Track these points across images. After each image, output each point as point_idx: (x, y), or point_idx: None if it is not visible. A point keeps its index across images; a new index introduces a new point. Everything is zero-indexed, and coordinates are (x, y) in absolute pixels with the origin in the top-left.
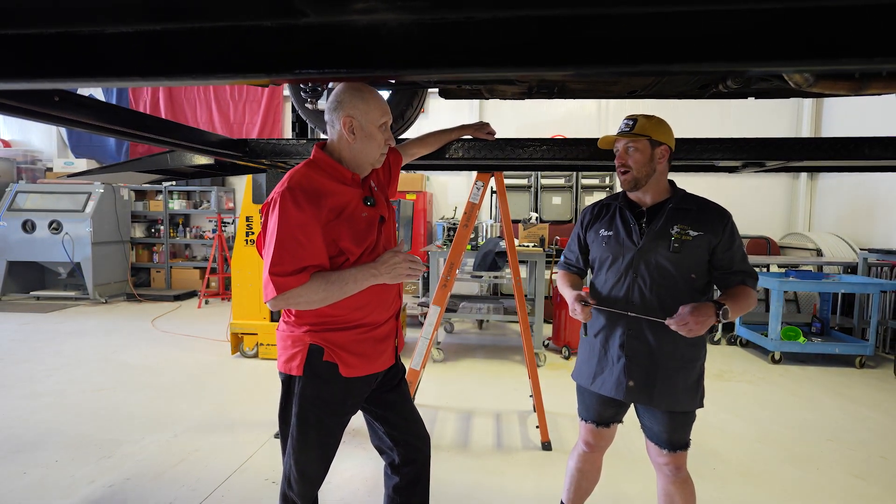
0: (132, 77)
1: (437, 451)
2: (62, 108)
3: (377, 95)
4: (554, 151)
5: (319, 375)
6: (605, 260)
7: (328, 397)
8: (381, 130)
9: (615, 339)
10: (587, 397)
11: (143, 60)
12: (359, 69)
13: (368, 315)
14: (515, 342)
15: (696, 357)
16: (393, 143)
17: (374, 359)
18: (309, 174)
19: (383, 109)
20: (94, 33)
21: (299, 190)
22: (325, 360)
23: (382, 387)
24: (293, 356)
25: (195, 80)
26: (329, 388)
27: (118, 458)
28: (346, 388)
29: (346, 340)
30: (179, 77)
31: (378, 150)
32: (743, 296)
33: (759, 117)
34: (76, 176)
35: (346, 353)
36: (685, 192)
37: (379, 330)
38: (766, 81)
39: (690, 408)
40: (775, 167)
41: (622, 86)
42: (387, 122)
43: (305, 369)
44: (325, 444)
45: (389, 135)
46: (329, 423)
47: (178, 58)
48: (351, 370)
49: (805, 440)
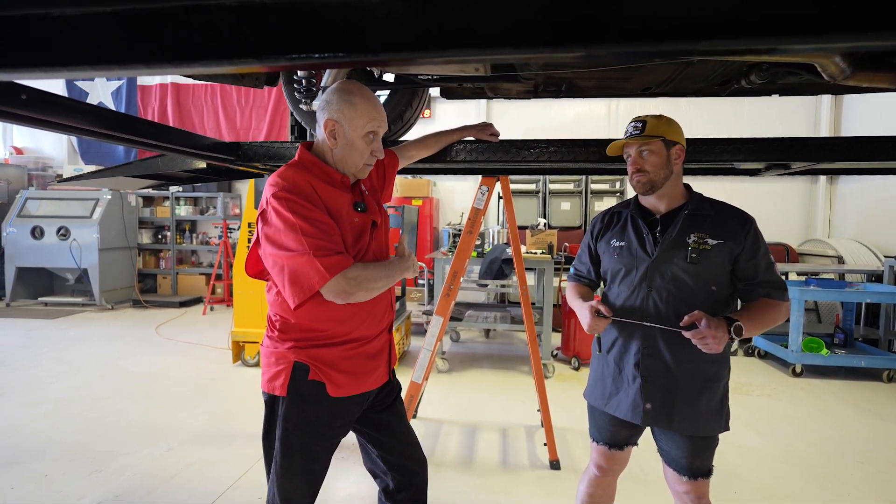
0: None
1: (440, 469)
2: (31, 108)
3: (369, 101)
4: (562, 153)
5: (304, 396)
6: (617, 272)
7: (314, 420)
8: (365, 140)
9: (630, 357)
10: (600, 418)
11: (91, 47)
12: (335, 53)
13: (357, 329)
14: (523, 351)
15: (718, 375)
16: (380, 156)
17: (366, 376)
18: (296, 175)
19: (371, 117)
20: (44, 15)
21: (296, 188)
22: (310, 379)
23: (375, 406)
24: (276, 374)
25: (152, 68)
26: (315, 409)
27: (110, 472)
28: (333, 410)
29: (333, 357)
30: (132, 65)
31: (360, 160)
32: (765, 310)
33: (775, 119)
34: (67, 181)
35: (335, 371)
36: (702, 197)
37: (370, 345)
38: (794, 75)
39: (714, 432)
40: (801, 169)
41: (636, 82)
42: (376, 132)
43: (290, 389)
44: (311, 471)
45: (378, 146)
46: (315, 448)
47: (134, 43)
48: (340, 389)
49: (832, 460)
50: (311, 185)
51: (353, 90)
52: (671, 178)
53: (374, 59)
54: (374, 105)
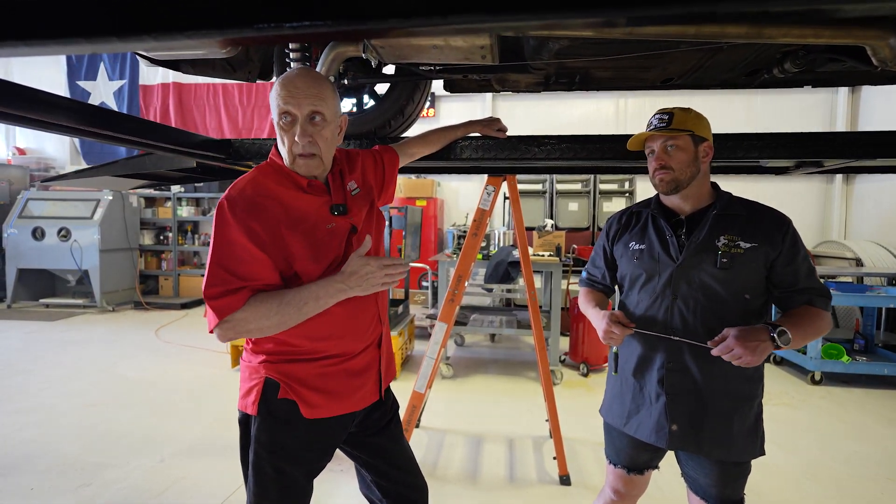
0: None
1: (443, 483)
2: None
3: (284, 78)
4: (576, 150)
5: (276, 416)
6: (636, 278)
7: (287, 443)
8: (281, 126)
9: (652, 372)
10: (618, 439)
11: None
12: (311, 21)
13: (337, 345)
14: (530, 356)
15: (752, 393)
16: (302, 142)
17: (346, 396)
18: (256, 180)
19: (277, 94)
20: None
21: (240, 198)
22: (281, 398)
23: (367, 429)
24: (249, 391)
25: (94, 44)
26: (287, 431)
27: (99, 485)
28: (309, 432)
29: (307, 374)
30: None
31: (287, 154)
32: (810, 318)
33: (789, 116)
34: (49, 181)
35: (307, 390)
36: (731, 196)
37: (352, 362)
38: (835, 62)
39: (748, 457)
40: (834, 168)
41: (657, 72)
42: (288, 111)
43: (260, 407)
44: (287, 497)
45: (297, 129)
46: (291, 474)
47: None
48: (315, 410)
49: (860, 477)
50: (270, 191)
51: (288, 70)
52: (698, 178)
53: (361, 28)
54: (288, 80)
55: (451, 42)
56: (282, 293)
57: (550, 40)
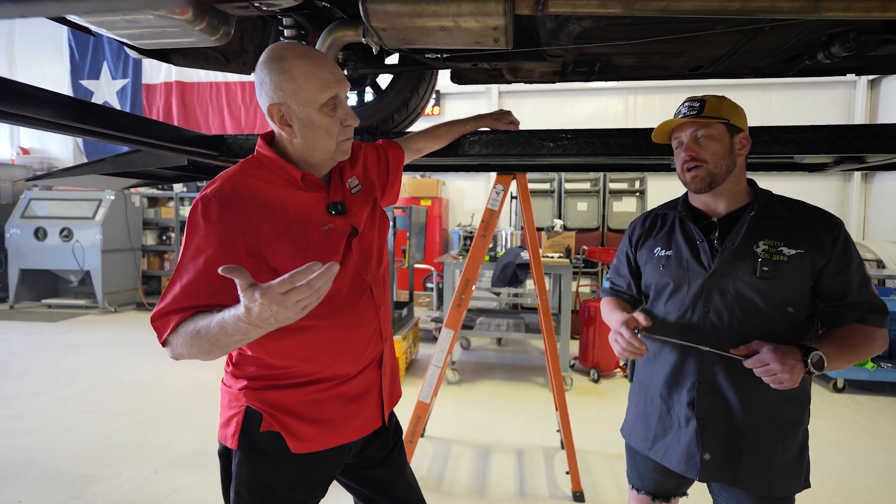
0: None
1: (449, 498)
2: None
3: (310, 59)
4: (593, 145)
5: (259, 451)
6: (663, 288)
7: (272, 481)
8: (325, 112)
9: (681, 393)
10: (641, 463)
11: None
12: None
13: (330, 366)
14: (538, 361)
15: (797, 420)
16: (354, 123)
17: (341, 425)
18: (235, 178)
19: (321, 80)
20: None
21: (216, 199)
22: (263, 431)
23: (366, 460)
24: (228, 421)
25: None
26: (272, 468)
27: (87, 498)
28: (298, 469)
29: (294, 402)
30: None
31: (330, 141)
32: (857, 338)
33: (805, 108)
34: (34, 179)
35: (295, 420)
36: (772, 194)
37: (348, 385)
38: (892, 43)
39: (791, 491)
40: (879, 163)
41: (686, 58)
42: (337, 96)
43: (241, 441)
44: None
45: (346, 111)
46: None
47: None
48: (304, 444)
49: (894, 495)
50: (253, 190)
51: (283, 55)
52: (734, 172)
53: None
54: (319, 62)
55: (460, 23)
56: (196, 321)
57: (571, 21)
